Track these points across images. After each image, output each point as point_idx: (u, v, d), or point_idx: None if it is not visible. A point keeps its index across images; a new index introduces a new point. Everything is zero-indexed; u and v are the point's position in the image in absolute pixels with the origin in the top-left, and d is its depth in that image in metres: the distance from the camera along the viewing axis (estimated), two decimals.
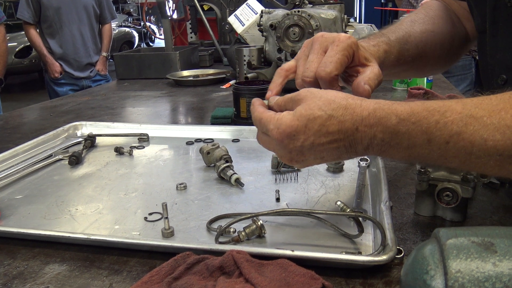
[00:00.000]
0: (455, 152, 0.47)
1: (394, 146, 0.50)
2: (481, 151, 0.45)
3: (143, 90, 1.91)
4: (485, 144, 0.45)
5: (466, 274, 0.31)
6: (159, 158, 1.00)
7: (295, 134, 0.52)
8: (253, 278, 0.50)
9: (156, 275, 0.53)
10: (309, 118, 0.51)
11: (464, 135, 0.45)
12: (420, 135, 0.48)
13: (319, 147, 0.52)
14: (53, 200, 0.79)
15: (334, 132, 0.51)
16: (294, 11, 1.52)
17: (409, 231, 0.65)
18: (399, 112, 0.49)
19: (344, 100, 0.51)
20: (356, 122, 0.50)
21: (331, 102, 0.51)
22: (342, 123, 0.50)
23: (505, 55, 0.64)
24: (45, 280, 0.56)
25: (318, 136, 0.51)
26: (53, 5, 2.80)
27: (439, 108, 0.47)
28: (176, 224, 0.68)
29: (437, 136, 0.47)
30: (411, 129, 0.48)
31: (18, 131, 1.30)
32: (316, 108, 0.51)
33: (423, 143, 0.48)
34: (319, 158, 0.54)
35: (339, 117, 0.50)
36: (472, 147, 0.45)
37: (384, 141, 0.50)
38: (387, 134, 0.49)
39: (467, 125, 0.45)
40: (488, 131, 0.45)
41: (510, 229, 0.34)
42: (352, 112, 0.50)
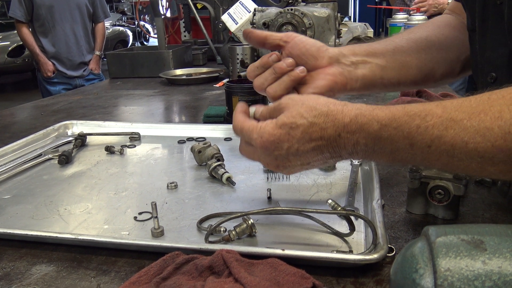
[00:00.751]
0: (437, 156, 0.47)
1: (377, 151, 0.51)
2: (463, 153, 0.46)
3: (136, 89, 1.90)
4: (466, 147, 0.45)
5: (455, 272, 0.30)
6: (150, 157, 0.99)
7: (279, 142, 0.53)
8: (242, 277, 0.49)
9: (144, 275, 0.52)
10: (291, 127, 0.52)
11: (445, 138, 0.46)
12: (402, 140, 0.48)
13: (304, 153, 0.53)
14: (41, 200, 0.78)
15: (317, 138, 0.52)
16: (287, 9, 1.51)
17: (401, 229, 0.65)
18: (380, 118, 0.49)
19: (325, 107, 0.52)
20: (338, 128, 0.51)
21: (313, 109, 0.52)
22: (324, 130, 0.51)
23: (494, 53, 0.64)
24: (32, 281, 0.55)
25: (302, 143, 0.52)
26: (45, 4, 2.78)
27: (419, 113, 0.48)
28: (166, 224, 0.67)
29: (418, 140, 0.47)
30: (393, 134, 0.49)
31: (8, 130, 1.29)
32: (298, 116, 0.52)
33: (406, 148, 0.48)
34: (305, 163, 0.55)
35: (320, 124, 0.51)
36: (454, 150, 0.46)
37: (367, 147, 0.51)
38: (370, 140, 0.50)
39: (447, 128, 0.46)
40: (468, 134, 0.45)
41: (500, 227, 0.33)
42: (333, 119, 0.51)
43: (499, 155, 0.44)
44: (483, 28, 0.65)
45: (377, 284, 0.53)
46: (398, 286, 0.34)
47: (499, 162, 0.44)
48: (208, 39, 2.40)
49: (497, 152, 0.44)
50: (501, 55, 0.62)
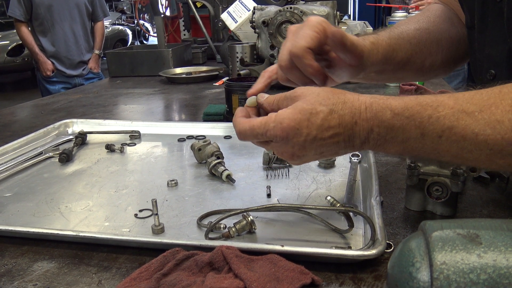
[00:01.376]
0: (447, 146, 0.48)
1: (389, 140, 0.51)
2: (472, 145, 0.46)
3: (136, 87, 1.90)
4: (476, 138, 0.46)
5: (451, 266, 0.31)
6: (150, 155, 0.99)
7: (299, 128, 0.52)
8: (242, 273, 0.50)
9: (145, 272, 0.53)
10: (311, 112, 0.51)
11: (456, 129, 0.46)
12: (414, 130, 0.49)
13: (320, 142, 0.52)
14: (42, 198, 0.79)
15: (335, 126, 0.51)
16: (286, 8, 1.52)
17: (400, 226, 0.65)
18: (394, 106, 0.50)
19: (342, 95, 0.52)
20: (355, 116, 0.51)
21: (330, 97, 0.52)
22: (342, 117, 0.51)
23: (493, 50, 0.64)
24: (33, 278, 0.56)
25: (320, 130, 0.51)
26: (44, 3, 2.78)
27: (431, 103, 0.48)
28: (166, 221, 0.67)
29: (430, 130, 0.48)
30: (405, 124, 0.49)
31: (8, 129, 1.29)
32: (317, 103, 0.52)
33: (417, 137, 0.49)
34: (318, 153, 0.54)
35: (339, 111, 0.51)
36: (464, 141, 0.46)
37: (380, 135, 0.51)
38: (383, 129, 0.50)
39: (458, 119, 0.46)
40: (479, 126, 0.45)
41: (495, 221, 0.34)
42: (351, 106, 0.51)
43: (508, 148, 0.44)
44: (482, 25, 0.66)
45: (375, 279, 0.53)
46: (395, 279, 0.35)
47: (508, 155, 0.45)
48: (208, 37, 2.40)
49: (507, 145, 0.44)
50: (500, 52, 0.63)
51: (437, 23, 0.78)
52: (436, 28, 0.77)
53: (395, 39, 0.72)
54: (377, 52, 0.67)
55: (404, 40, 0.74)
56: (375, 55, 0.67)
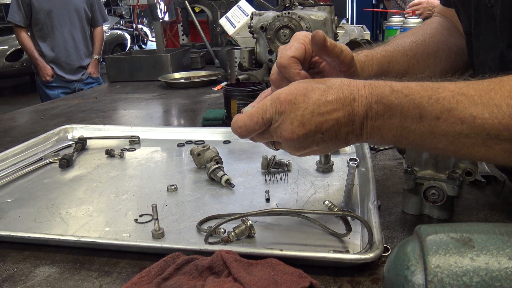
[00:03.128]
0: (445, 129, 0.48)
1: (387, 120, 0.51)
2: (470, 128, 0.47)
3: (135, 92, 1.91)
4: (473, 121, 0.46)
5: (445, 269, 0.32)
6: (150, 160, 1.00)
7: (295, 102, 0.52)
8: (241, 277, 0.50)
9: (145, 276, 0.53)
10: (307, 88, 0.53)
11: (455, 111, 0.47)
12: (412, 109, 0.49)
13: (318, 117, 0.52)
14: (43, 203, 0.79)
15: (333, 101, 0.52)
16: (284, 13, 1.53)
17: (397, 230, 0.66)
18: (393, 85, 0.51)
19: (337, 79, 0.54)
20: (353, 91, 0.52)
21: (326, 80, 0.54)
22: (340, 92, 0.52)
23: (487, 55, 0.65)
24: (35, 283, 0.56)
25: (317, 105, 0.52)
26: (44, 8, 2.79)
27: (432, 85, 0.49)
28: (166, 226, 0.68)
29: (428, 111, 0.48)
30: (404, 102, 0.49)
31: (8, 135, 1.30)
32: (313, 82, 0.53)
33: (415, 118, 0.49)
34: (319, 134, 0.53)
35: (336, 88, 0.52)
36: (462, 124, 0.47)
37: (378, 114, 0.51)
38: (381, 105, 0.51)
39: (458, 102, 0.47)
40: (477, 109, 0.46)
41: (488, 225, 0.34)
42: (348, 83, 0.53)
43: (505, 133, 0.45)
44: (477, 30, 0.67)
45: (373, 282, 0.54)
46: (391, 283, 0.35)
47: (505, 140, 0.46)
48: (206, 42, 2.42)
49: (503, 130, 0.45)
50: (493, 57, 0.64)
51: (434, 35, 0.79)
52: (432, 39, 0.78)
53: (390, 51, 0.74)
54: (372, 63, 0.68)
55: (400, 52, 0.75)
56: (370, 67, 0.68)
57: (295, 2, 1.64)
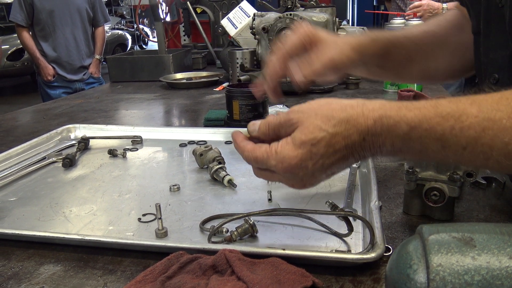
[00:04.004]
0: (473, 157, 0.45)
1: (404, 150, 0.48)
2: (502, 155, 0.43)
3: (137, 92, 1.92)
4: (506, 148, 0.42)
5: (446, 267, 0.32)
6: (152, 160, 1.01)
7: (302, 163, 0.49)
8: (245, 276, 0.51)
9: (150, 274, 0.54)
10: (312, 143, 0.48)
11: (483, 140, 0.43)
12: (434, 142, 0.45)
13: (328, 166, 0.50)
14: (47, 202, 0.80)
15: (341, 148, 0.49)
16: (286, 14, 1.54)
17: (398, 230, 0.67)
18: (410, 119, 0.46)
19: (343, 112, 0.48)
20: (362, 133, 0.48)
21: (330, 118, 0.48)
22: (348, 138, 0.48)
23: (497, 54, 0.65)
24: (40, 280, 0.57)
25: (326, 157, 0.49)
26: (46, 8, 2.80)
27: (453, 113, 0.44)
28: (169, 225, 0.69)
29: (453, 142, 0.44)
30: (424, 136, 0.45)
31: (11, 134, 1.31)
32: (316, 129, 0.48)
33: (437, 149, 0.46)
34: (330, 174, 0.53)
35: (343, 133, 0.48)
36: (492, 152, 0.43)
37: (394, 147, 0.48)
38: (398, 141, 0.47)
39: (485, 129, 0.43)
40: (509, 135, 0.42)
41: (489, 225, 0.35)
42: (355, 124, 0.48)
43: None
44: (487, 30, 0.67)
45: (374, 282, 0.54)
46: (393, 281, 0.36)
47: None
48: (208, 43, 2.43)
49: None
50: (503, 57, 0.64)
51: (446, 27, 0.79)
52: (443, 31, 0.78)
53: (398, 37, 0.74)
54: (377, 43, 0.68)
55: (408, 39, 0.75)
56: (373, 47, 0.68)
57: (297, 3, 1.65)
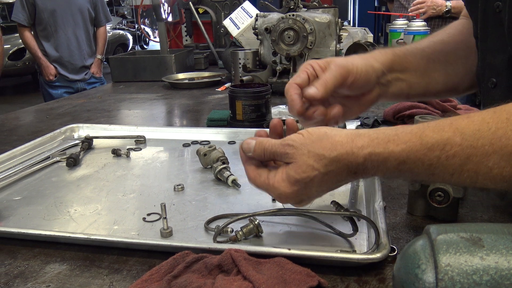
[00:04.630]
0: (460, 181, 0.48)
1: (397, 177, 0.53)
2: (487, 179, 0.46)
3: (139, 92, 1.92)
4: (490, 172, 0.45)
5: (455, 267, 0.33)
6: (156, 160, 1.01)
7: (298, 196, 0.55)
8: (251, 275, 0.51)
9: (156, 274, 0.54)
10: (306, 182, 0.52)
11: (468, 166, 0.46)
12: (423, 171, 0.48)
13: (323, 191, 0.56)
14: (51, 201, 0.80)
15: (333, 183, 0.54)
16: (288, 15, 1.54)
17: (402, 230, 0.67)
18: (397, 154, 0.49)
19: (333, 152, 0.51)
20: (353, 169, 0.51)
21: (322, 158, 0.51)
22: (339, 175, 0.52)
23: (494, 59, 0.66)
24: (46, 279, 0.57)
25: (320, 189, 0.54)
26: (48, 8, 2.80)
27: (437, 144, 0.47)
28: (174, 225, 0.69)
29: (440, 171, 0.47)
30: (413, 167, 0.48)
31: (14, 133, 1.31)
32: (309, 169, 0.51)
33: (427, 176, 0.49)
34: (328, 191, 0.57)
35: (334, 171, 0.51)
36: (478, 176, 0.46)
37: (386, 176, 0.52)
38: (389, 172, 0.50)
39: (469, 156, 0.45)
40: (492, 160, 0.44)
41: (497, 225, 0.35)
42: (346, 163, 0.51)
43: None
44: (484, 34, 0.68)
45: (379, 282, 0.55)
46: (401, 281, 0.36)
47: None
48: (210, 43, 2.43)
49: None
50: (501, 61, 0.65)
51: (453, 34, 0.79)
52: (451, 39, 0.78)
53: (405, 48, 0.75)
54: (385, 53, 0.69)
55: (416, 48, 0.75)
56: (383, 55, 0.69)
57: (299, 4, 1.65)
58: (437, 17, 2.58)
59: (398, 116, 1.19)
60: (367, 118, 1.20)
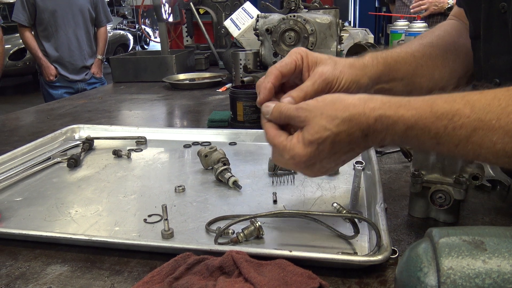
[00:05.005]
0: (464, 153, 0.49)
1: (404, 144, 0.53)
2: (490, 153, 0.47)
3: (140, 93, 1.92)
4: (493, 147, 0.46)
5: (457, 271, 0.32)
6: (157, 161, 1.01)
7: (311, 159, 0.55)
8: (252, 277, 0.51)
9: (157, 275, 0.54)
10: (318, 142, 0.53)
11: (473, 138, 0.47)
12: (429, 140, 0.50)
13: (336, 157, 0.55)
14: (52, 202, 0.80)
15: (346, 144, 0.53)
16: (289, 16, 1.54)
17: (404, 232, 0.67)
18: (406, 119, 0.50)
19: (346, 112, 0.52)
20: (364, 130, 0.52)
21: (334, 118, 0.52)
22: (351, 135, 0.52)
23: (498, 60, 0.66)
24: (48, 281, 0.57)
25: (333, 152, 0.54)
26: (48, 8, 2.80)
27: (446, 113, 0.48)
28: (175, 226, 0.69)
29: (445, 140, 0.49)
30: (420, 134, 0.50)
31: (15, 134, 1.31)
32: (321, 129, 0.53)
33: (432, 145, 0.50)
34: (340, 162, 0.57)
35: (346, 131, 0.52)
36: (481, 150, 0.47)
37: (394, 142, 0.53)
38: (397, 137, 0.52)
39: (476, 129, 0.47)
40: (497, 135, 0.46)
41: (499, 229, 0.35)
42: (358, 122, 0.52)
43: None
44: (488, 35, 0.67)
45: (381, 284, 0.55)
46: (403, 284, 0.36)
47: None
48: (211, 44, 2.43)
49: None
50: (505, 62, 0.65)
51: (442, 36, 0.79)
52: (441, 41, 0.78)
53: (397, 52, 0.73)
54: (377, 63, 0.68)
55: (407, 53, 0.74)
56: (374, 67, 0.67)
57: (300, 5, 1.65)
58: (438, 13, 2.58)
59: None
60: None
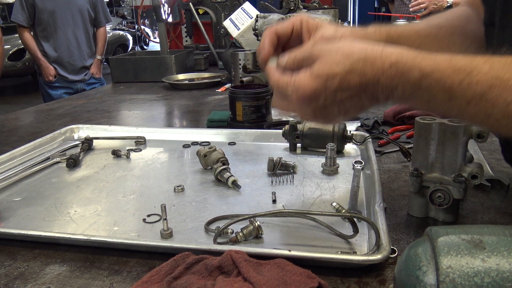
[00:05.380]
0: (474, 112, 0.47)
1: (413, 98, 0.50)
2: (501, 114, 0.45)
3: (139, 93, 1.92)
4: (507, 107, 0.44)
5: (456, 269, 0.32)
6: (156, 161, 1.01)
7: (315, 93, 0.51)
8: (251, 277, 0.51)
9: (156, 275, 0.54)
10: (328, 76, 0.50)
11: (488, 96, 0.45)
12: (442, 93, 0.47)
13: (341, 101, 0.52)
14: (51, 202, 0.80)
15: (356, 85, 0.50)
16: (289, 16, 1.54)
17: (403, 232, 0.67)
18: (423, 67, 0.48)
19: (362, 52, 0.50)
20: (377, 74, 0.49)
21: (349, 55, 0.50)
22: (363, 76, 0.49)
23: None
24: (46, 281, 0.57)
25: (339, 91, 0.50)
26: (47, 8, 2.80)
27: (465, 67, 0.46)
28: (174, 226, 0.69)
29: (458, 95, 0.46)
30: (433, 86, 0.47)
31: (14, 134, 1.31)
32: (334, 64, 0.50)
33: (444, 100, 0.48)
34: (343, 110, 0.54)
35: (359, 70, 0.49)
36: (493, 109, 0.45)
37: (404, 93, 0.50)
38: (408, 87, 0.49)
39: (491, 87, 0.44)
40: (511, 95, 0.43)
41: (498, 227, 0.35)
42: (372, 63, 0.49)
43: None
44: (504, 21, 0.65)
45: (380, 283, 0.55)
46: (402, 283, 0.36)
47: None
48: (210, 44, 2.43)
49: None
50: None
51: (450, 19, 0.78)
52: (448, 23, 0.76)
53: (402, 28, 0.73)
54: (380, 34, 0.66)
55: (412, 30, 0.73)
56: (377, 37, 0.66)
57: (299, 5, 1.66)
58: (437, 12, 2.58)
59: (398, 117, 1.19)
60: (367, 119, 1.20)
